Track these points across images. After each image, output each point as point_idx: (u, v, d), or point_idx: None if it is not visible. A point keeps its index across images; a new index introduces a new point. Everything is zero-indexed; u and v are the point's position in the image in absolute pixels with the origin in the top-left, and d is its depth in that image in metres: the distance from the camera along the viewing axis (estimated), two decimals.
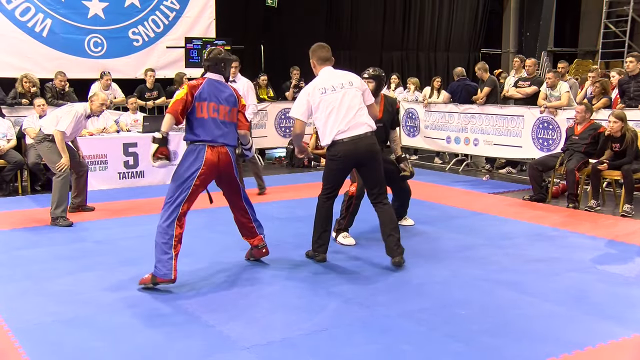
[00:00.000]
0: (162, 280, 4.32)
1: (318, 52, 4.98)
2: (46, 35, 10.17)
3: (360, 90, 4.88)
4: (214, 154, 4.41)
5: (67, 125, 6.39)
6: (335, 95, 4.78)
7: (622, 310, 4.05)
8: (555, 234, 5.99)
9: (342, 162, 4.84)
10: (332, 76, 4.89)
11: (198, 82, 4.50)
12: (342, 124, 4.75)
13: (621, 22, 14.74)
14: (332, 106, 4.76)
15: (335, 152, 4.82)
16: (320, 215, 5.00)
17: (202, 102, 4.42)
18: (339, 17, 14.21)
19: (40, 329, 3.75)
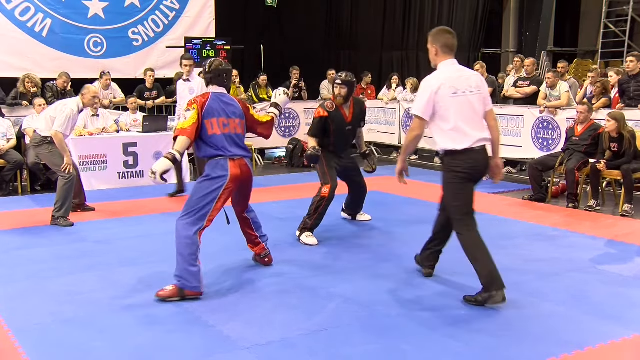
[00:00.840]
0: (192, 293, 4.17)
1: (444, 38, 4.20)
2: (46, 35, 10.17)
3: (483, 95, 4.23)
4: (236, 166, 4.35)
5: (64, 125, 6.27)
6: (466, 98, 4.12)
7: (622, 310, 4.05)
8: (555, 234, 5.99)
9: (472, 174, 4.16)
10: (460, 74, 4.20)
11: (204, 98, 4.40)
12: (473, 131, 4.12)
13: (621, 22, 14.73)
14: (463, 110, 4.10)
15: (465, 161, 4.11)
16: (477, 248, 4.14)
17: (211, 119, 4.33)
18: (338, 17, 14.22)
19: (40, 329, 3.75)
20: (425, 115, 4.12)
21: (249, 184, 4.59)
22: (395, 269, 4.88)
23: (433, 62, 4.28)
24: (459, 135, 4.11)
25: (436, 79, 4.14)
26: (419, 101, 4.18)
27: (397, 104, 11.52)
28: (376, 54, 14.83)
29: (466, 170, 4.13)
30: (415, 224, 6.40)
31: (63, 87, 9.24)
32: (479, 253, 4.11)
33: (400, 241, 5.72)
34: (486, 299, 4.05)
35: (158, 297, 4.18)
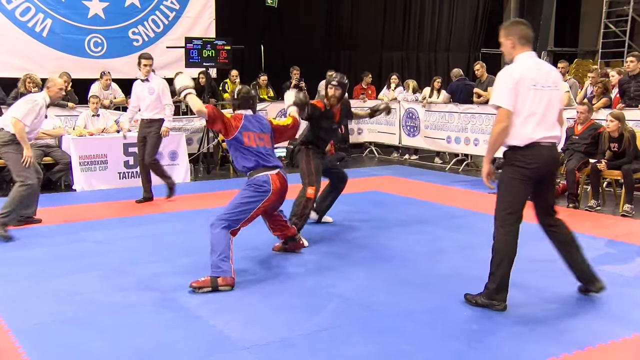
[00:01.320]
0: (225, 283, 4.34)
1: (520, 30, 4.10)
2: (46, 35, 10.17)
3: (561, 93, 4.13)
4: (277, 180, 4.71)
5: (26, 115, 5.85)
6: (544, 92, 3.96)
7: (622, 310, 4.05)
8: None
9: (535, 170, 3.98)
10: (540, 67, 4.07)
11: (239, 116, 4.77)
12: (544, 127, 3.95)
13: (621, 22, 14.73)
14: (539, 104, 3.93)
15: (527, 158, 3.95)
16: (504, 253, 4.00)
17: (247, 132, 4.69)
18: (339, 17, 14.22)
19: (40, 328, 3.75)
20: (509, 105, 3.90)
21: (285, 193, 4.91)
22: (394, 269, 4.87)
23: (509, 55, 4.12)
24: (527, 130, 3.93)
25: (517, 70, 3.97)
26: (499, 92, 3.96)
27: (398, 104, 11.52)
28: (376, 54, 14.83)
29: (529, 166, 3.95)
30: (415, 224, 6.41)
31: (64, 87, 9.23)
32: (504, 258, 3.99)
33: (399, 241, 5.72)
34: (486, 305, 4.02)
35: (192, 287, 4.33)
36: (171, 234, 5.99)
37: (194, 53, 9.69)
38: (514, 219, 4.02)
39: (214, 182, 9.01)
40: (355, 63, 14.27)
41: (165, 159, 8.90)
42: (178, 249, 5.46)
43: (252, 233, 5.93)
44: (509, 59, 4.13)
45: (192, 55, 9.69)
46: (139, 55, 7.56)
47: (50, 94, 6.13)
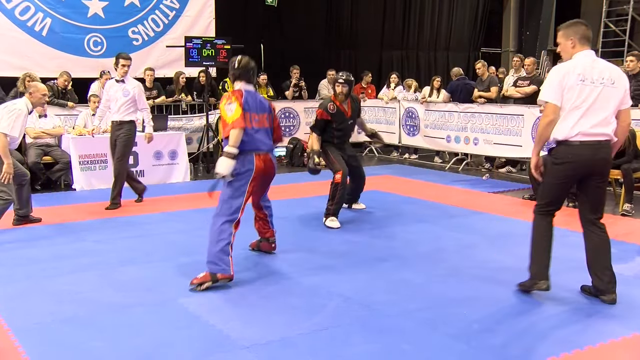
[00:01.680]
0: (224, 277, 4.38)
1: (580, 30, 4.13)
2: (46, 34, 10.17)
3: (620, 91, 4.06)
4: (261, 161, 4.58)
5: (11, 125, 5.67)
6: (593, 89, 3.97)
7: (622, 309, 4.04)
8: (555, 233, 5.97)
9: (572, 167, 4.03)
10: (595, 65, 4.07)
11: (239, 93, 4.58)
12: (586, 124, 3.96)
13: (621, 21, 14.73)
14: (584, 100, 3.97)
15: (565, 154, 4.03)
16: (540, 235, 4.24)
17: (246, 113, 4.53)
18: (338, 16, 14.22)
19: (40, 328, 3.74)
20: (557, 100, 3.99)
21: (271, 178, 4.86)
22: (394, 269, 4.87)
23: (568, 54, 4.16)
24: (567, 125, 3.99)
25: (566, 66, 4.06)
26: (548, 87, 4.06)
27: (397, 103, 11.51)
28: (376, 53, 14.83)
29: (564, 163, 4.04)
30: (415, 223, 6.41)
31: (64, 86, 9.24)
32: (540, 245, 4.23)
33: (399, 241, 5.72)
34: (532, 285, 4.24)
35: (192, 284, 4.35)
36: (171, 234, 5.99)
37: (194, 52, 9.68)
38: (548, 211, 4.24)
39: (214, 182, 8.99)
40: (355, 62, 14.27)
41: (165, 158, 8.91)
42: (178, 248, 5.46)
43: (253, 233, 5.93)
44: (567, 59, 4.18)
45: (191, 55, 9.68)
46: (117, 55, 7.27)
47: (32, 100, 5.98)
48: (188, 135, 9.87)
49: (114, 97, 7.15)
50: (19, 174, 6.04)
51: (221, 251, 4.37)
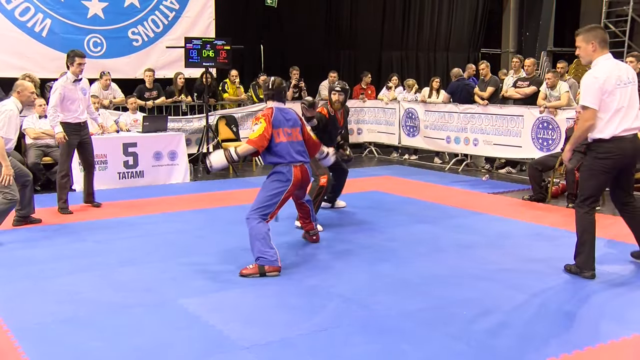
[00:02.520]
0: (272, 269, 4.68)
1: (600, 34, 4.51)
2: (46, 35, 10.16)
3: (637, 87, 4.54)
4: (298, 171, 4.97)
5: (4, 128, 5.64)
6: (627, 89, 4.44)
7: (622, 310, 4.05)
8: (554, 234, 5.99)
9: (617, 160, 4.47)
10: (619, 67, 4.51)
11: (269, 112, 4.99)
12: (628, 121, 4.42)
13: (621, 22, 14.74)
14: (623, 100, 4.40)
15: (610, 149, 4.43)
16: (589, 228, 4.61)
17: (277, 129, 4.94)
18: (338, 16, 14.21)
19: (39, 328, 3.74)
20: (597, 105, 4.39)
21: (308, 184, 5.30)
22: (394, 269, 4.87)
23: (588, 57, 4.52)
24: (613, 124, 4.41)
25: (601, 72, 4.40)
26: (589, 92, 4.41)
27: (397, 104, 11.52)
28: (376, 54, 14.83)
29: (612, 157, 4.45)
30: (415, 223, 6.41)
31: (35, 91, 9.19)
32: (587, 236, 4.60)
33: (399, 241, 5.72)
34: (577, 272, 4.67)
35: (241, 274, 4.67)
36: (170, 234, 6.00)
37: (194, 53, 9.69)
38: (592, 203, 4.63)
39: (213, 183, 9.01)
40: (355, 63, 14.27)
41: (164, 158, 8.91)
42: (177, 249, 5.47)
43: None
44: (587, 61, 4.57)
45: (191, 55, 9.68)
46: (72, 52, 7.01)
47: (21, 99, 5.98)
48: (187, 136, 9.87)
49: (73, 97, 6.92)
50: (20, 175, 6.02)
51: (265, 245, 4.69)
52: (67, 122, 6.91)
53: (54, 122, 6.88)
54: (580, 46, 4.54)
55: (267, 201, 4.84)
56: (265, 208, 4.82)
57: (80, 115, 7.01)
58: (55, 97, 6.84)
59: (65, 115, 6.91)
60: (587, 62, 4.59)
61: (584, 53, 4.53)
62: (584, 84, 4.48)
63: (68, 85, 6.91)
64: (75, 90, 6.95)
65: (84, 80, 7.12)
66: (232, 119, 10.63)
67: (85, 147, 7.16)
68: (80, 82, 7.02)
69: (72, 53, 6.97)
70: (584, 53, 4.53)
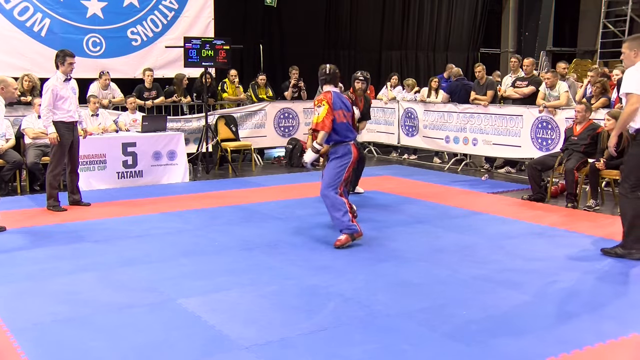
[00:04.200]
0: (358, 235, 5.48)
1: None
2: (45, 34, 10.15)
3: None
4: (354, 148, 5.62)
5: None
6: None
7: (621, 309, 4.05)
8: (554, 234, 6.00)
9: None
10: None
11: (329, 95, 5.49)
12: None
13: (620, 22, 14.74)
14: None
15: None
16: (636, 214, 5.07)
17: (337, 111, 5.50)
18: (338, 16, 14.21)
19: (39, 328, 3.74)
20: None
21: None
22: (394, 269, 4.87)
23: (631, 62, 5.07)
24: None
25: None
26: (632, 81, 4.94)
27: (397, 103, 11.52)
28: (375, 54, 14.83)
29: None
30: (414, 223, 6.41)
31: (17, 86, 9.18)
32: (635, 219, 5.04)
33: (399, 241, 5.72)
34: (624, 255, 5.07)
35: (336, 246, 5.37)
36: (170, 234, 5.99)
37: (193, 53, 9.67)
38: (637, 189, 5.07)
39: (213, 182, 9.01)
40: (354, 63, 14.26)
41: (164, 158, 8.91)
42: (177, 248, 5.46)
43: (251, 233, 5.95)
44: (629, 65, 5.11)
45: (191, 55, 9.67)
46: (62, 51, 7.05)
47: (5, 95, 6.00)
48: (186, 136, 9.86)
49: (65, 96, 6.96)
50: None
51: (345, 215, 5.41)
52: (61, 121, 6.97)
53: (47, 122, 6.92)
54: (625, 52, 5.12)
55: (336, 178, 5.48)
56: (335, 182, 5.48)
57: (74, 114, 7.06)
58: (47, 97, 6.88)
59: (59, 114, 6.95)
60: (628, 65, 5.12)
61: (627, 58, 5.10)
62: (628, 75, 4.99)
63: (59, 84, 6.96)
64: (66, 89, 7.00)
65: (72, 80, 7.18)
66: (232, 118, 10.63)
67: (74, 147, 7.18)
68: (70, 81, 7.08)
69: (61, 53, 7.04)
70: (627, 58, 5.10)
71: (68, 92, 7.01)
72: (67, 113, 6.99)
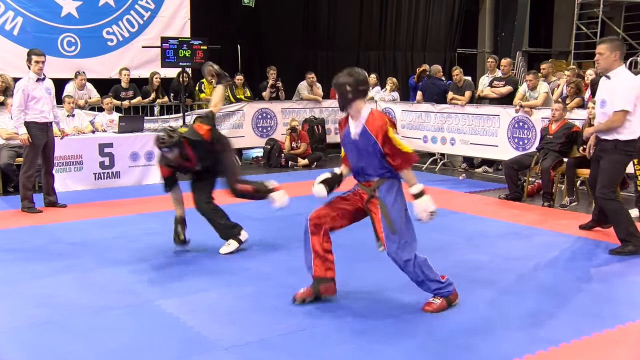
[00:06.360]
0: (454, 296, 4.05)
1: (622, 47, 5.31)
2: (17, 33, 9.99)
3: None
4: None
5: None
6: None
7: (597, 307, 4.10)
8: (530, 232, 6.06)
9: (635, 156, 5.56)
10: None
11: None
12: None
13: (592, 24, 14.95)
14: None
15: (634, 147, 5.19)
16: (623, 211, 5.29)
17: None
18: (316, 17, 14.22)
19: (16, 332, 3.69)
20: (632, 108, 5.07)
21: None
22: (370, 270, 4.88)
23: (609, 65, 5.12)
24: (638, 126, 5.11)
25: (632, 77, 5.17)
26: (628, 98, 5.05)
27: (375, 103, 11.55)
28: (353, 54, 14.86)
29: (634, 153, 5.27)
30: None
31: None
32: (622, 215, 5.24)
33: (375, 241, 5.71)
34: (634, 251, 5.14)
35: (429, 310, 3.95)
36: (148, 235, 5.94)
37: (170, 53, 9.61)
38: (616, 191, 5.38)
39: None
40: (333, 63, 14.27)
41: (141, 159, 8.83)
42: (155, 250, 5.42)
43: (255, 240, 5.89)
44: (605, 67, 5.16)
45: (168, 55, 9.60)
46: (30, 51, 6.98)
47: None
48: None
49: (38, 96, 6.85)
50: None
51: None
52: (34, 122, 6.87)
53: (17, 123, 6.85)
54: (603, 53, 5.10)
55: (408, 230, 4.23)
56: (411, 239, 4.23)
57: (47, 114, 6.95)
58: (18, 97, 6.80)
59: (31, 115, 6.85)
60: (604, 69, 5.16)
61: (606, 59, 5.09)
62: (625, 90, 5.05)
63: (30, 84, 6.85)
64: (39, 89, 6.89)
65: (47, 80, 7.06)
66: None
67: (48, 148, 7.07)
68: (43, 81, 6.96)
69: (29, 52, 6.96)
70: (606, 59, 5.09)
71: (41, 92, 6.90)
72: (40, 114, 6.88)
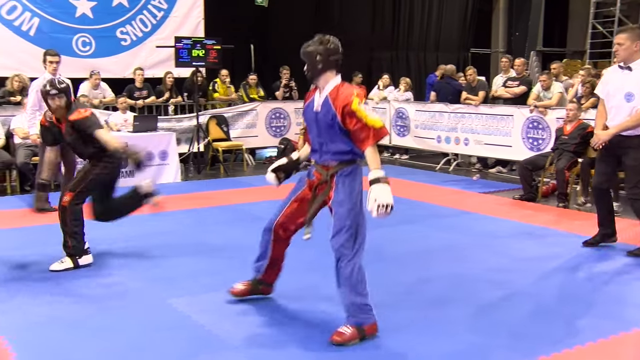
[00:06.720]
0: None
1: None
2: (34, 34, 10.09)
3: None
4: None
5: None
6: None
7: (611, 308, 4.07)
8: (545, 233, 6.02)
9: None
10: None
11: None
12: None
13: (608, 23, 14.81)
14: None
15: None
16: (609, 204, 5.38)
17: None
18: (328, 16, 14.20)
19: (28, 329, 3.71)
20: None
21: None
22: (384, 270, 4.86)
23: (629, 56, 4.81)
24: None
25: None
26: None
27: (388, 104, 11.53)
28: (366, 54, 14.83)
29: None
30: (404, 223, 6.39)
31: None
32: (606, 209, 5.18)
33: (389, 240, 5.70)
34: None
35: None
36: (161, 234, 5.96)
37: (184, 52, 9.65)
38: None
39: (204, 182, 8.98)
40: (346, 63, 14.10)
41: (155, 158, 8.87)
42: (167, 249, 5.44)
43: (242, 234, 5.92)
44: (624, 58, 4.85)
45: (181, 55, 9.64)
46: (45, 51, 7.00)
47: None
48: (177, 136, 9.82)
49: None
50: None
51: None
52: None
53: (30, 123, 6.88)
54: (623, 43, 4.78)
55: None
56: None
57: None
58: (32, 97, 6.83)
59: None
60: (624, 59, 4.83)
61: (626, 49, 4.77)
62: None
63: None
64: None
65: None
66: (223, 118, 10.60)
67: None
68: None
69: (45, 52, 7.00)
70: (626, 50, 4.77)
71: None
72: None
